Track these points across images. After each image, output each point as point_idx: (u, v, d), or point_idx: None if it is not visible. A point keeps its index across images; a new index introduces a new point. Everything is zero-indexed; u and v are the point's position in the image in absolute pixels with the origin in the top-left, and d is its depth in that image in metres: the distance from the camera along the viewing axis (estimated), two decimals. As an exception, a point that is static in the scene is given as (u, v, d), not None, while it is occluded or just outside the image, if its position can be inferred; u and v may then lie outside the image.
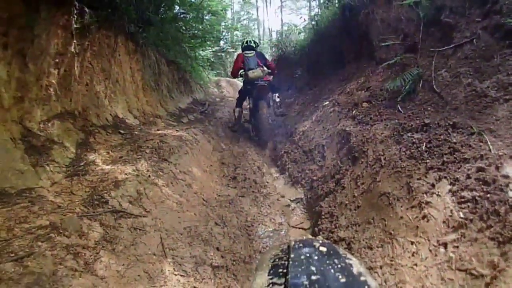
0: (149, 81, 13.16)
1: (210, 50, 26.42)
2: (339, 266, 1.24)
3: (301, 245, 1.44)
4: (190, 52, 20.24)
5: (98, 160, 7.50)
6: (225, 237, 6.45)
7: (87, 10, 9.23)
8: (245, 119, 13.68)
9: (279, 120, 13.02)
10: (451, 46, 7.16)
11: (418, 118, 6.31)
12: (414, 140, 5.73)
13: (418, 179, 4.93)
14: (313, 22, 15.78)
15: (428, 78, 7.13)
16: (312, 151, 9.18)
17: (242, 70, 12.15)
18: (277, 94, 13.46)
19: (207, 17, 21.58)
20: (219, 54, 30.93)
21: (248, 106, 12.73)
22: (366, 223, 5.46)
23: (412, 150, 5.53)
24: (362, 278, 1.19)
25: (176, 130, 10.52)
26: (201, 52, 23.63)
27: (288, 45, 18.70)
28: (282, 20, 34.16)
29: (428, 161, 5.06)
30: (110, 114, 9.86)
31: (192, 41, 20.72)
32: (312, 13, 18.15)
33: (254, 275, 1.42)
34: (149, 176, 7.06)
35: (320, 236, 5.85)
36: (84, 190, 6.18)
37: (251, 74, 11.62)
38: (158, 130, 10.59)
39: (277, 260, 1.39)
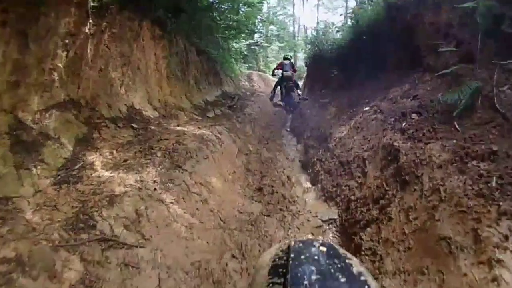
0: (175, 70, 11.81)
1: (244, 43, 25.31)
2: (339, 266, 1.21)
3: (301, 245, 1.39)
4: (223, 43, 19.20)
5: (98, 162, 6.05)
6: (243, 276, 4.89)
7: (106, -12, 7.82)
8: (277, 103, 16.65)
9: (300, 104, 16.19)
10: (513, 60, 5.75)
11: (482, 143, 4.94)
12: (481, 171, 4.35)
13: (488, 226, 3.70)
14: (352, 21, 14.42)
15: (489, 94, 5.84)
16: (350, 163, 7.76)
17: (280, 71, 16.18)
18: (299, 89, 16.75)
19: (242, 9, 20.72)
20: (253, 47, 29.24)
21: (281, 93, 16.34)
22: (419, 272, 4.12)
23: (480, 185, 4.16)
24: (362, 278, 1.16)
25: (199, 127, 9.24)
26: (234, 44, 22.77)
27: (324, 43, 17.07)
28: (318, 18, 32.67)
29: (500, 203, 3.78)
30: (125, 104, 8.60)
31: (226, 32, 19.79)
32: (351, 12, 16.44)
33: (254, 275, 1.40)
34: (155, 189, 5.56)
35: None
36: (71, 205, 4.74)
37: (285, 74, 15.88)
38: (178, 125, 9.23)
39: (277, 259, 1.34)
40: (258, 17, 25.03)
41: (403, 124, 6.73)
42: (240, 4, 19.93)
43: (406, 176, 5.45)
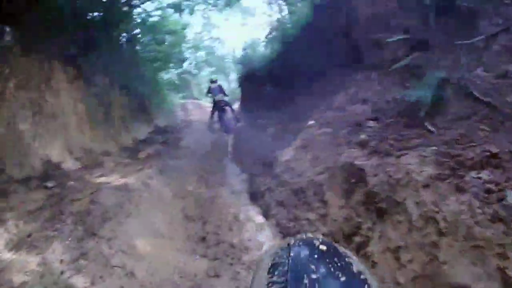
0: (96, 112, 10.66)
1: (174, 72, 24.86)
2: (339, 264, 1.11)
3: (301, 243, 1.26)
4: (150, 75, 18.28)
5: (1, 241, 4.74)
6: None
7: (7, 28, 7.39)
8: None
9: (236, 124, 16.59)
10: (481, 37, 5.30)
11: (474, 144, 3.88)
12: (487, 185, 3.24)
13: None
14: (275, 33, 14.53)
15: (460, 82, 4.95)
16: (304, 191, 6.53)
17: (211, 95, 16.89)
18: (233, 111, 17.21)
19: (168, 38, 19.86)
20: (183, 76, 28.69)
21: (218, 115, 16.69)
22: None
23: (494, 207, 3.04)
24: (362, 277, 1.07)
25: (123, 176, 7.99)
26: (164, 74, 22.30)
27: (254, 61, 16.82)
28: (245, 38, 31.86)
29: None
30: (41, 159, 7.54)
31: (153, 64, 19.06)
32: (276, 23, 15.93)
33: (253, 274, 1.24)
34: (62, 273, 4.22)
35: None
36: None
37: (216, 98, 16.45)
38: (102, 175, 8.04)
39: (277, 258, 1.19)
40: (184, 44, 24.25)
41: (361, 136, 5.73)
42: (162, 34, 19.08)
43: (381, 202, 4.34)
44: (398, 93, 5.70)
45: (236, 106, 20.07)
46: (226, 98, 16.94)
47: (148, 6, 17.93)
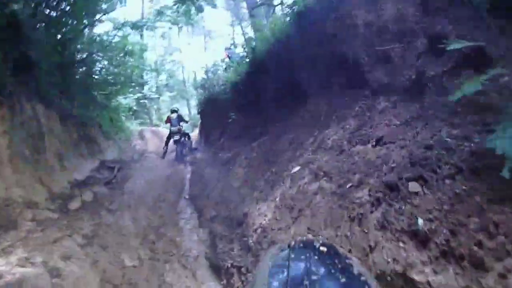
0: (21, 148, 8.24)
1: (133, 97, 22.55)
2: (339, 266, 1.22)
3: (301, 245, 1.41)
4: (102, 101, 16.28)
5: None
6: None
7: None
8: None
9: (192, 153, 16.62)
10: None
11: None
12: None
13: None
14: (245, 50, 12.48)
15: None
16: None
17: (169, 124, 16.40)
18: (189, 140, 17.33)
19: (125, 59, 17.54)
20: (142, 101, 26.28)
21: (173, 143, 16.09)
22: None
23: None
24: (362, 278, 1.16)
25: (24, 257, 5.49)
26: (122, 100, 20.12)
27: (216, 84, 14.93)
28: (206, 62, 30.05)
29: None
30: None
31: (107, 87, 17.00)
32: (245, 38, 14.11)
33: (254, 275, 1.42)
34: None
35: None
36: None
37: (172, 129, 16.07)
38: (3, 249, 5.69)
39: (277, 259, 1.34)
40: (145, 68, 21.98)
41: (410, 219, 3.26)
42: (120, 55, 16.89)
43: None
44: (445, 133, 3.59)
45: (195, 134, 19.55)
46: (185, 127, 17.25)
47: (105, 25, 16.71)
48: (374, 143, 4.72)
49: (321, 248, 1.31)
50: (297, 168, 6.14)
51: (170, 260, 6.86)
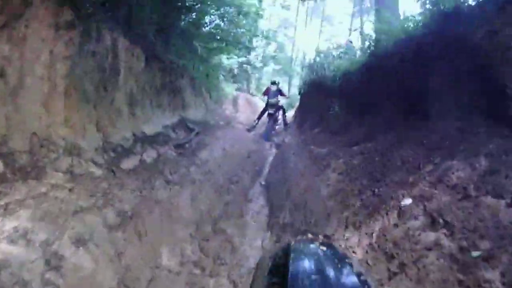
0: (85, 80, 6.70)
1: (236, 60, 20.73)
2: (339, 266, 1.21)
3: (301, 244, 1.44)
4: (204, 54, 14.81)
5: None
6: None
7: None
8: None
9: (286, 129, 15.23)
10: None
11: None
12: None
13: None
14: (368, 41, 10.15)
15: None
16: None
17: (266, 96, 15.35)
18: (285, 115, 15.93)
19: (238, 19, 16.13)
20: (245, 66, 24.03)
21: (267, 116, 15.09)
22: None
23: None
24: (362, 278, 1.14)
25: (18, 232, 3.80)
26: (225, 60, 18.62)
27: (325, 68, 12.55)
28: (319, 44, 27.89)
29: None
30: None
31: (213, 42, 15.39)
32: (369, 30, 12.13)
33: (254, 274, 1.38)
34: None
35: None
36: None
37: (270, 101, 14.93)
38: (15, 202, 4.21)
39: (277, 259, 1.32)
40: (256, 32, 20.09)
41: None
42: (233, 13, 15.51)
43: None
44: None
45: (289, 115, 16.96)
46: (282, 102, 15.59)
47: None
48: (510, 200, 3.39)
49: (321, 247, 1.30)
50: (408, 201, 4.43)
51: (219, 273, 5.09)
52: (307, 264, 1.22)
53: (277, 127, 15.46)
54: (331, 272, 1.14)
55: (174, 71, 10.80)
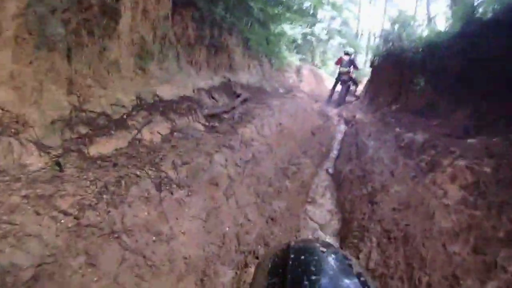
0: (52, 21, 3.62)
1: (301, 31, 16.37)
2: (338, 266, 1.08)
3: (301, 245, 1.24)
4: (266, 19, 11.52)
5: None
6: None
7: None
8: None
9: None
10: None
11: None
12: None
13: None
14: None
15: None
16: None
17: (339, 66, 13.78)
18: (356, 86, 14.55)
19: None
20: (309, 37, 20.02)
21: (340, 83, 13.62)
22: None
23: None
24: (362, 279, 1.00)
25: None
26: (289, 30, 14.50)
27: (404, 39, 9.56)
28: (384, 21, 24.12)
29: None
30: None
31: (274, 8, 11.95)
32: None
33: (254, 275, 1.22)
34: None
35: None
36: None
37: (341, 69, 13.43)
38: None
39: (277, 260, 1.17)
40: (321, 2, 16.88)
41: None
42: None
43: None
44: None
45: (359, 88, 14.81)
46: (353, 74, 14.00)
47: None
48: None
49: (321, 248, 1.14)
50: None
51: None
52: (307, 264, 1.03)
53: (348, 96, 13.79)
54: (331, 273, 0.99)
55: (217, 25, 7.54)
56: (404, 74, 8.70)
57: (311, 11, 16.69)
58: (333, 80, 14.54)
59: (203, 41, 6.90)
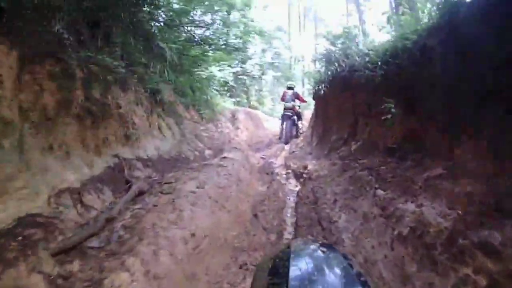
0: None
1: (230, 71, 15.09)
2: (338, 266, 1.11)
3: (301, 245, 1.35)
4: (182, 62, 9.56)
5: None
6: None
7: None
8: None
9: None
10: None
11: None
12: None
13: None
14: None
15: None
16: None
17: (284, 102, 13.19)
18: (301, 121, 13.65)
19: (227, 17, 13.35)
20: (241, 77, 18.62)
21: (284, 118, 12.80)
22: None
23: None
24: (362, 279, 1.05)
25: None
26: (218, 72, 13.35)
27: (354, 54, 6.88)
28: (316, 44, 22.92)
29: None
30: None
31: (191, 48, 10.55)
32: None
33: (254, 275, 1.25)
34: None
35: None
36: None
37: (286, 105, 12.80)
38: None
39: (277, 260, 1.21)
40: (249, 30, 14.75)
41: None
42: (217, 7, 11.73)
43: None
44: None
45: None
46: (298, 107, 13.42)
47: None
48: None
49: (321, 248, 1.19)
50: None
51: None
52: (307, 264, 1.08)
53: (294, 129, 12.95)
54: (331, 273, 1.04)
55: (98, 80, 5.00)
56: (360, 99, 6.48)
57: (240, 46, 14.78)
58: (274, 120, 14.97)
59: (69, 108, 4.39)
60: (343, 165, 6.01)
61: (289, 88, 13.42)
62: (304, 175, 7.22)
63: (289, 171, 8.28)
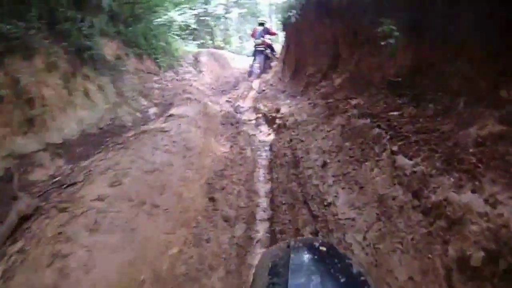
0: None
1: (191, 14, 13.71)
2: (339, 266, 1.09)
3: (301, 245, 1.26)
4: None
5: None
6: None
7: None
8: None
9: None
10: None
11: None
12: None
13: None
14: None
15: None
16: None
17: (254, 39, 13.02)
18: (272, 49, 12.87)
19: None
20: (203, 18, 17.29)
21: (255, 53, 12.42)
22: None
23: None
24: (361, 278, 1.05)
25: None
26: (178, 16, 12.47)
27: None
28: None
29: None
30: None
31: None
32: None
33: (254, 275, 1.21)
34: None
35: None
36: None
37: (255, 41, 12.60)
38: None
39: (277, 260, 1.18)
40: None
41: None
42: None
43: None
44: None
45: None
46: (269, 39, 12.79)
47: None
48: None
49: (321, 248, 1.16)
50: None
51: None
52: (307, 264, 1.10)
53: (266, 63, 12.15)
54: (331, 272, 1.02)
55: None
56: (342, 26, 5.31)
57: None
58: (243, 58, 14.60)
59: None
60: (327, 107, 4.75)
61: (260, 24, 13.35)
62: (277, 120, 6.20)
63: (259, 115, 7.34)
